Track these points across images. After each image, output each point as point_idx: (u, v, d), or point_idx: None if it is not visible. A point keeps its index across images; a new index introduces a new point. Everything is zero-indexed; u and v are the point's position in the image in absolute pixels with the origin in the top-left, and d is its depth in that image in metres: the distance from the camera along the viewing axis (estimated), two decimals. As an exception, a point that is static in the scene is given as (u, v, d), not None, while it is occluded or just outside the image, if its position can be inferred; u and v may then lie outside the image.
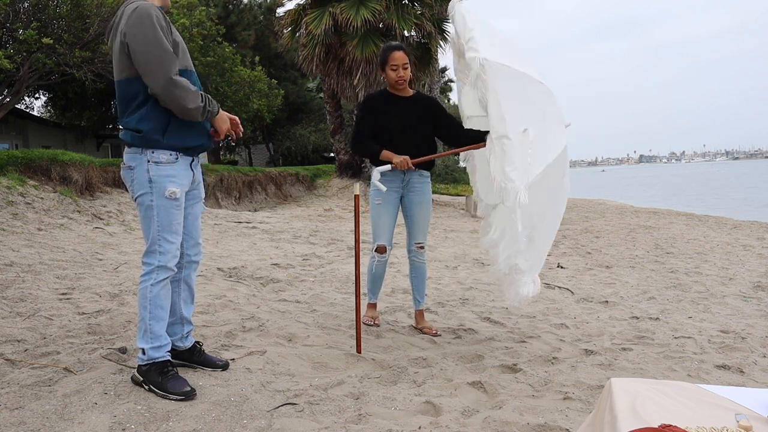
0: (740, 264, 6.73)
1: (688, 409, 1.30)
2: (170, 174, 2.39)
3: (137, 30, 2.24)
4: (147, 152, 2.36)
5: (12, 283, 4.15)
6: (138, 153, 2.36)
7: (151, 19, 2.26)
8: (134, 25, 2.25)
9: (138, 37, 2.24)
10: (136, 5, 2.29)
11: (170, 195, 2.38)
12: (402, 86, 3.49)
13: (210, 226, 8.72)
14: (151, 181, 2.36)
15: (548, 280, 5.63)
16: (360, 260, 3.22)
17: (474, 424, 2.27)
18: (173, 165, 2.40)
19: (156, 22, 2.27)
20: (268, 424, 2.18)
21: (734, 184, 41.14)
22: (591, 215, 13.67)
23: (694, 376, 3.02)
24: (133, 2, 2.33)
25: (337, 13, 13.67)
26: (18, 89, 11.80)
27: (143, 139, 2.34)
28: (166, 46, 2.28)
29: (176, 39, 2.37)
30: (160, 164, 2.36)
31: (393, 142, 3.41)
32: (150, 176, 2.36)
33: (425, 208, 3.60)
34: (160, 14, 2.32)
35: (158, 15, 2.30)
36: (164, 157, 2.37)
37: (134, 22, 2.25)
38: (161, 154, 2.37)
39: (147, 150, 2.35)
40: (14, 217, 6.89)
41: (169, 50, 2.29)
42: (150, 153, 2.35)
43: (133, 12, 2.27)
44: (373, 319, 3.69)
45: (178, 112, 2.33)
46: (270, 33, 22.77)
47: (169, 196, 2.38)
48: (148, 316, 2.40)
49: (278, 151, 27.77)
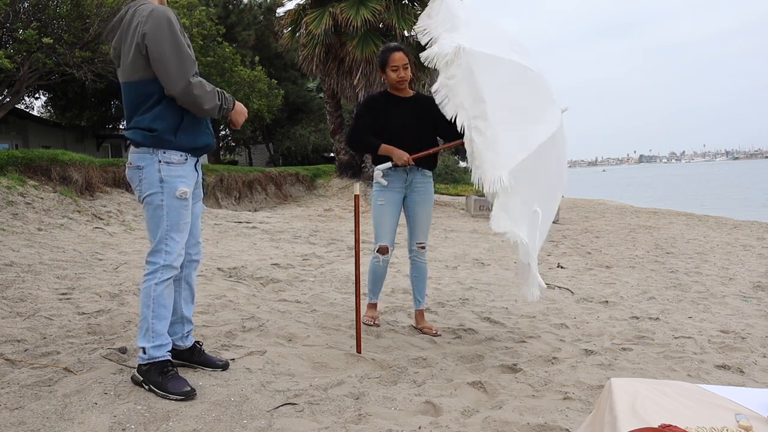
0: (740, 264, 6.73)
1: (688, 409, 1.30)
2: (181, 174, 2.40)
3: (158, 32, 2.24)
4: (158, 152, 2.36)
5: (12, 283, 4.15)
6: (149, 153, 2.37)
7: (170, 22, 2.27)
8: (155, 27, 2.24)
9: (159, 39, 2.24)
10: (151, 7, 2.28)
11: (181, 195, 2.40)
12: (403, 86, 3.49)
13: (210, 226, 8.72)
14: (162, 180, 2.37)
15: (548, 280, 5.63)
16: (360, 260, 3.22)
17: (474, 424, 2.27)
18: (183, 165, 2.42)
19: (176, 24, 2.29)
20: (268, 424, 2.18)
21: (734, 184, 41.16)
22: (591, 215, 13.67)
23: (694, 376, 3.02)
24: (143, 3, 2.32)
25: (337, 13, 13.67)
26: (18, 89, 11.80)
27: (156, 139, 2.34)
28: (186, 49, 2.30)
29: (187, 41, 2.39)
30: (171, 165, 2.37)
31: (394, 143, 3.41)
32: (161, 176, 2.36)
33: (427, 208, 3.60)
34: (174, 14, 2.33)
35: (175, 17, 2.31)
36: (175, 158, 2.39)
37: (154, 25, 2.25)
38: (172, 155, 2.38)
39: (158, 150, 2.36)
40: (14, 217, 6.89)
41: (189, 53, 2.31)
42: (162, 153, 2.36)
43: (150, 14, 2.26)
44: (373, 319, 3.69)
45: (195, 112, 2.37)
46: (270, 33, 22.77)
47: (179, 196, 2.39)
48: (150, 315, 2.40)
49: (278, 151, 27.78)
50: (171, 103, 2.35)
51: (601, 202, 20.33)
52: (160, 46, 2.24)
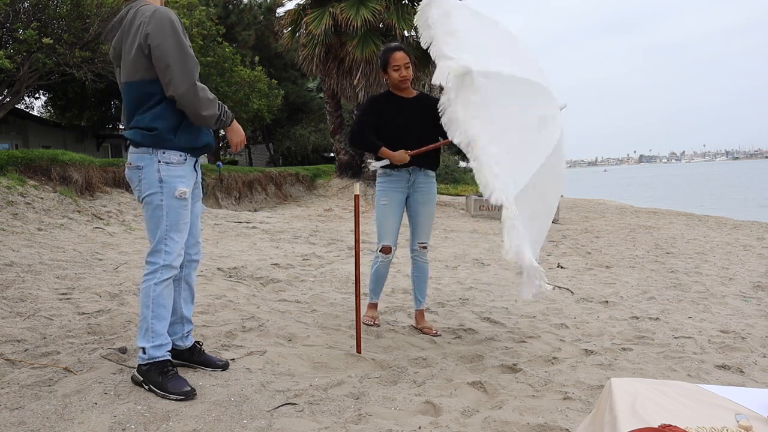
0: (740, 264, 6.73)
1: (688, 409, 1.30)
2: (180, 174, 2.41)
3: (162, 33, 2.24)
4: (158, 152, 2.36)
5: (12, 283, 4.15)
6: (148, 153, 2.37)
7: (174, 24, 2.27)
8: (157, 28, 2.24)
9: (162, 41, 2.24)
10: (153, 8, 2.29)
11: (180, 195, 2.40)
12: (405, 86, 3.50)
13: (210, 226, 8.72)
14: (162, 180, 2.37)
15: (548, 280, 5.63)
16: (360, 260, 3.22)
17: (474, 424, 2.27)
18: (182, 166, 2.42)
19: (178, 26, 2.29)
20: (268, 424, 2.18)
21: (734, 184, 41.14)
22: (591, 215, 13.67)
23: (694, 376, 3.02)
24: (145, 3, 2.32)
25: (337, 13, 13.66)
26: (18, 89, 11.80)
27: (156, 138, 2.34)
28: (190, 51, 2.30)
29: (188, 42, 2.38)
30: (170, 165, 2.37)
31: (397, 143, 3.42)
32: (161, 176, 2.36)
33: (430, 208, 3.61)
34: (177, 17, 2.33)
35: (177, 18, 2.31)
36: (175, 158, 2.39)
37: (157, 26, 2.24)
38: (172, 155, 2.38)
39: (158, 150, 2.36)
40: (14, 217, 6.89)
41: (193, 55, 2.31)
42: (161, 153, 2.36)
43: (153, 15, 2.26)
44: (373, 319, 3.69)
45: (192, 116, 2.35)
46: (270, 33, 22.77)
47: (179, 196, 2.39)
48: (150, 315, 2.40)
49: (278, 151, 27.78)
50: (171, 104, 2.35)
51: (601, 202, 20.33)
52: (163, 47, 2.24)
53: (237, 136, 2.53)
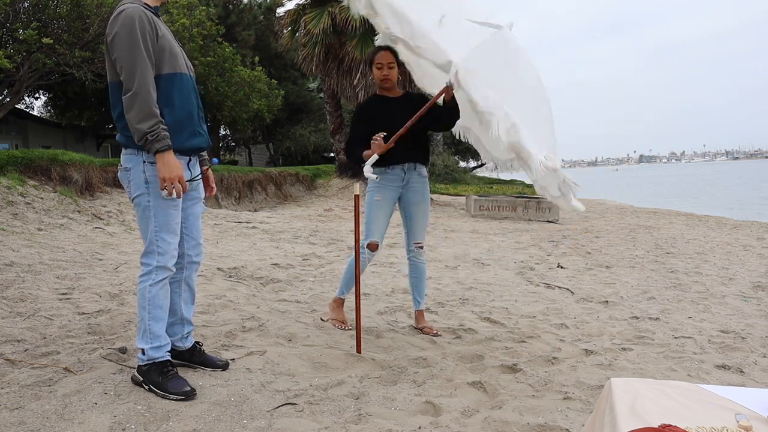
0: (740, 264, 6.73)
1: (688, 409, 1.30)
2: None
3: (117, 35, 2.22)
4: (142, 153, 2.34)
5: (12, 283, 4.15)
6: (134, 154, 2.36)
7: (132, 25, 2.21)
8: (113, 28, 2.23)
9: (116, 42, 2.22)
10: (123, 8, 2.25)
11: (167, 195, 2.38)
12: (388, 85, 3.52)
13: (210, 226, 8.72)
14: (147, 181, 2.35)
15: (548, 280, 5.64)
16: (360, 260, 3.22)
17: (474, 424, 2.27)
18: None
19: (138, 27, 2.22)
20: (268, 424, 2.18)
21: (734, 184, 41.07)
22: (591, 215, 13.67)
23: (694, 376, 3.02)
24: (124, 3, 2.28)
25: (336, 12, 13.67)
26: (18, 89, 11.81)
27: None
28: (142, 54, 2.22)
29: (163, 44, 2.31)
30: (155, 165, 2.32)
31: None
32: (146, 177, 2.35)
33: (424, 207, 3.61)
34: (146, 18, 2.26)
35: (143, 19, 2.24)
36: None
37: (116, 27, 2.22)
38: None
39: (142, 151, 2.34)
40: (14, 217, 6.89)
41: (144, 59, 2.23)
42: (146, 154, 2.34)
43: (117, 16, 2.24)
44: (343, 324, 3.61)
45: (128, 122, 2.27)
46: (270, 33, 22.79)
47: (166, 197, 2.37)
48: (147, 317, 2.40)
49: (278, 151, 27.80)
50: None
51: (601, 202, 20.32)
52: (117, 49, 2.22)
53: (167, 170, 2.26)
